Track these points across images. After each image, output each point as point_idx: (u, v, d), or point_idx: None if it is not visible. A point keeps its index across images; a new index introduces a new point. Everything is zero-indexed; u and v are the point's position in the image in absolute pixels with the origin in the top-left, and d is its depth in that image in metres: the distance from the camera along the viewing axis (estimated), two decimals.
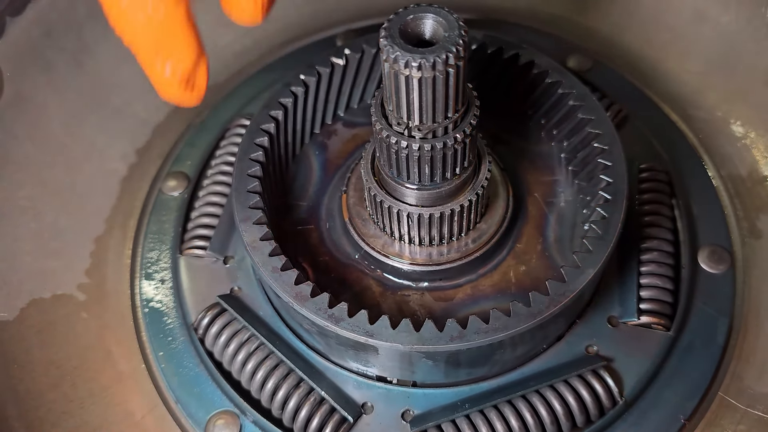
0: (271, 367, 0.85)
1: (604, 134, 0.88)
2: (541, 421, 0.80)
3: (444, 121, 0.72)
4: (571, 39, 1.14)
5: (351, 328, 0.75)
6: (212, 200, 0.99)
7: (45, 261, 0.95)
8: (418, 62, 0.65)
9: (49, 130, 1.01)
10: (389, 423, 0.82)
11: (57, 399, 0.85)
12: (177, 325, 0.92)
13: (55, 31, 1.00)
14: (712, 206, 0.97)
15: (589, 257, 0.78)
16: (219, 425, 0.84)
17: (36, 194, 0.97)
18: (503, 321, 0.74)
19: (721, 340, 0.87)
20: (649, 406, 0.82)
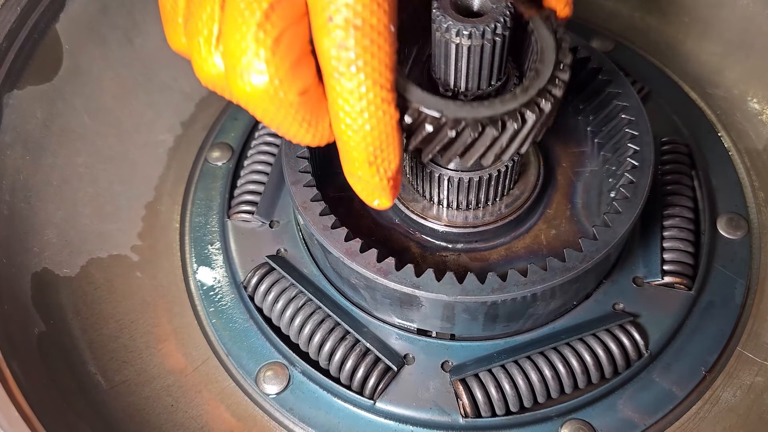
0: (317, 321, 0.91)
1: (631, 107, 0.93)
2: (572, 371, 0.86)
3: (488, 88, 0.78)
4: (594, 21, 1.20)
5: (398, 281, 0.81)
6: (257, 168, 1.05)
7: (101, 224, 1.00)
8: (469, 31, 0.71)
9: (103, 102, 1.07)
10: (430, 372, 0.88)
11: (118, 349, 0.91)
12: (226, 284, 0.98)
13: (110, 8, 1.06)
14: (730, 177, 1.03)
15: (618, 218, 0.84)
16: (269, 375, 0.90)
17: (92, 162, 1.03)
18: (540, 275, 0.80)
19: (739, 300, 0.93)
20: (673, 359, 0.88)
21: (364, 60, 0.59)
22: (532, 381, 0.85)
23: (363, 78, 0.60)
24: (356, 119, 0.62)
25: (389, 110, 0.63)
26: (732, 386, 0.87)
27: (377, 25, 0.58)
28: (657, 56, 1.16)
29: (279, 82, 0.59)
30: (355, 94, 0.61)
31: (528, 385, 0.85)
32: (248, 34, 0.57)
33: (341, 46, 0.58)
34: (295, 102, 0.61)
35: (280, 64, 0.59)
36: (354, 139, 0.64)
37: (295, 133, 0.65)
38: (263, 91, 0.60)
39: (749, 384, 0.87)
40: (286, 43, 0.59)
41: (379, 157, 0.66)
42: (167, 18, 0.67)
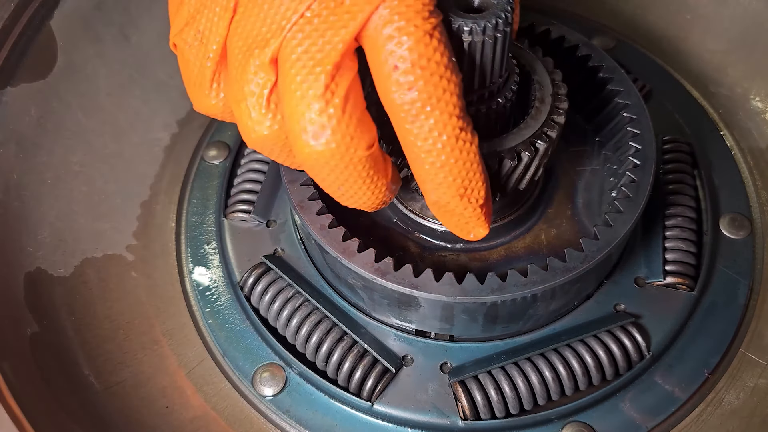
0: (315, 322, 0.89)
1: (633, 105, 0.92)
2: (572, 373, 0.85)
3: (489, 85, 0.77)
4: (596, 19, 1.19)
5: (397, 281, 0.79)
6: (254, 167, 1.04)
7: (96, 223, 0.99)
8: (470, 27, 0.69)
9: (98, 99, 1.05)
10: (429, 374, 0.86)
11: (113, 350, 0.90)
12: (222, 284, 0.97)
13: (105, 4, 1.05)
14: (733, 176, 1.02)
15: (620, 217, 0.83)
16: (265, 377, 0.89)
17: (87, 160, 1.02)
18: (541, 275, 0.79)
19: (742, 301, 0.91)
20: (675, 360, 0.87)
21: (437, 98, 0.60)
22: (532, 383, 0.84)
23: (439, 115, 0.60)
24: (439, 156, 0.63)
25: (468, 137, 0.64)
26: (735, 388, 0.86)
27: (442, 60, 0.59)
28: (659, 54, 1.15)
29: (350, 138, 0.60)
30: (434, 132, 0.61)
31: (528, 387, 0.84)
32: (315, 96, 0.58)
33: (413, 91, 0.59)
34: (363, 158, 0.62)
35: (349, 122, 0.60)
36: (440, 176, 0.65)
37: (357, 190, 0.67)
38: (334, 151, 0.60)
39: (752, 386, 0.85)
40: (353, 101, 0.59)
41: (468, 187, 0.67)
42: (195, 82, 0.67)
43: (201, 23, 0.64)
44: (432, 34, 0.58)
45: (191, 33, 0.64)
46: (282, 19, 0.58)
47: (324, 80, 0.57)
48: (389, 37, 0.57)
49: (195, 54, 0.65)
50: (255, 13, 0.60)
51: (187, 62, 0.67)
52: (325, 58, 0.57)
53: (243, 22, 0.61)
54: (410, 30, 0.57)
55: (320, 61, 0.57)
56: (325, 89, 0.58)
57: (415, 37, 0.57)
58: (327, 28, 0.57)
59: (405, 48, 0.57)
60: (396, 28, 0.57)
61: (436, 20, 0.59)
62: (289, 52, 0.58)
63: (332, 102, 0.58)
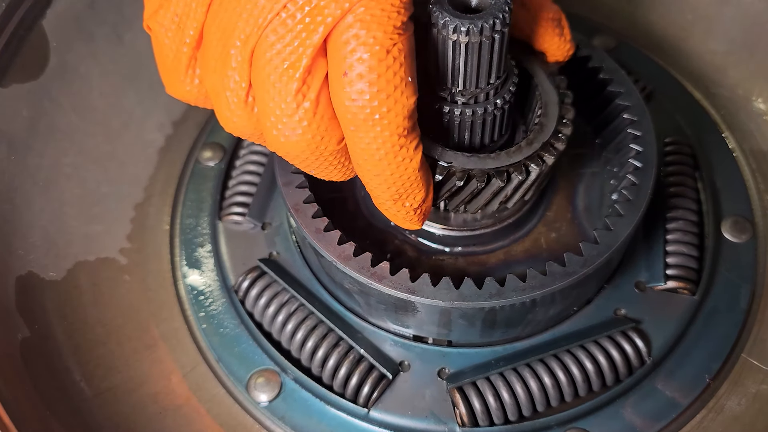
0: (310, 327, 0.88)
1: (633, 106, 0.91)
2: (572, 379, 0.83)
3: (486, 87, 0.75)
4: (597, 19, 1.17)
5: (393, 286, 0.78)
6: (249, 169, 1.02)
7: (89, 226, 0.98)
8: (467, 27, 0.68)
9: (91, 100, 1.04)
10: (426, 380, 0.85)
11: (105, 355, 0.88)
12: (216, 288, 0.95)
13: (98, 3, 1.03)
14: (735, 179, 1.00)
15: (620, 221, 0.81)
16: (260, 383, 0.87)
17: (79, 162, 1.00)
18: (540, 279, 0.77)
19: (744, 305, 0.90)
20: (676, 366, 0.86)
21: (380, 114, 0.60)
22: (531, 389, 0.82)
23: (379, 131, 0.62)
24: (376, 166, 0.65)
25: (408, 154, 0.65)
26: (737, 394, 0.84)
27: (393, 78, 0.59)
28: (660, 55, 1.14)
29: (321, 137, 0.62)
30: (373, 145, 0.63)
31: (527, 393, 0.82)
32: (287, 95, 0.59)
33: (356, 100, 0.60)
34: (334, 151, 0.65)
35: (320, 121, 0.61)
36: (376, 182, 0.67)
37: (328, 173, 0.70)
38: (305, 145, 0.63)
39: (754, 392, 0.84)
40: (324, 101, 0.61)
41: (403, 195, 0.69)
42: (169, 66, 0.68)
43: (177, 6, 0.63)
44: (389, 50, 0.59)
45: (167, 16, 0.64)
46: (259, 15, 0.58)
47: (296, 84, 0.59)
48: (346, 43, 0.58)
49: (171, 38, 0.65)
50: (233, 6, 0.60)
51: (162, 46, 0.66)
52: (297, 61, 0.58)
53: (221, 12, 0.61)
54: (369, 42, 0.58)
55: (293, 64, 0.58)
56: (296, 92, 0.59)
57: (371, 51, 0.58)
58: (301, 30, 0.58)
59: (357, 58, 0.58)
60: (355, 36, 0.58)
61: (398, 37, 0.59)
62: (264, 51, 0.59)
63: (302, 105, 0.60)
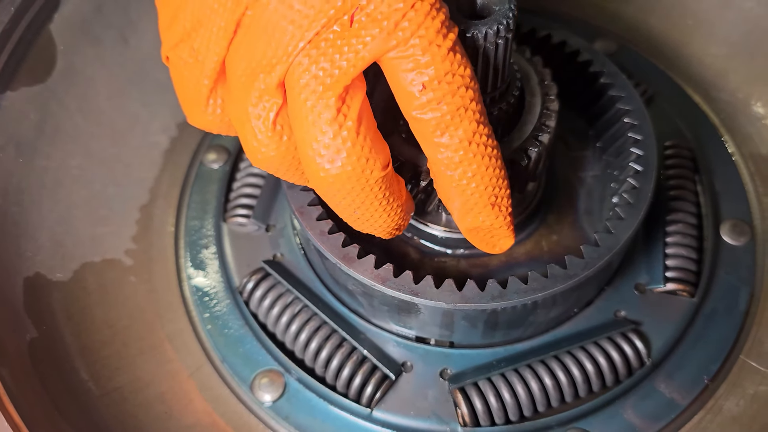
0: (314, 328, 0.89)
1: (634, 110, 0.92)
2: (572, 380, 0.84)
3: (490, 92, 0.76)
4: (597, 23, 1.18)
5: (396, 287, 0.79)
6: (254, 171, 1.03)
7: (95, 227, 0.99)
8: (472, 33, 0.69)
9: (97, 103, 1.05)
10: (429, 380, 0.86)
11: (111, 355, 0.89)
12: (221, 289, 0.96)
13: (105, 7, 1.04)
14: (734, 182, 1.01)
15: (621, 224, 0.82)
16: (264, 383, 0.88)
17: (86, 164, 1.01)
18: (541, 282, 0.78)
19: (742, 307, 0.91)
20: (675, 367, 0.87)
21: (465, 107, 0.59)
22: (532, 389, 0.83)
23: (468, 124, 0.60)
24: (471, 165, 0.63)
25: (493, 143, 0.64)
26: (735, 395, 0.85)
27: (465, 72, 0.59)
28: (660, 58, 1.15)
29: (366, 159, 0.59)
30: (463, 143, 0.61)
31: (528, 393, 0.83)
32: (328, 120, 0.57)
33: (441, 105, 0.58)
34: (379, 179, 0.62)
35: (364, 143, 0.59)
36: (472, 187, 0.65)
37: (373, 213, 0.66)
38: (350, 174, 0.59)
39: (752, 393, 0.85)
40: (365, 123, 0.59)
41: (498, 195, 0.67)
42: (190, 97, 0.66)
43: (197, 40, 0.62)
44: (454, 49, 0.58)
45: (186, 49, 0.63)
46: (288, 44, 0.57)
47: (335, 104, 0.56)
48: (414, 60, 0.57)
49: (191, 70, 0.64)
50: (258, 36, 0.58)
51: (182, 78, 0.66)
52: (336, 83, 0.56)
53: (246, 44, 0.60)
54: (434, 50, 0.57)
55: (330, 86, 0.56)
56: (337, 113, 0.57)
57: (440, 56, 0.57)
58: (335, 53, 0.56)
59: (432, 69, 0.57)
60: (421, 51, 0.56)
61: (454, 35, 0.59)
62: (298, 77, 0.57)
63: (345, 125, 0.57)
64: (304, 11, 0.56)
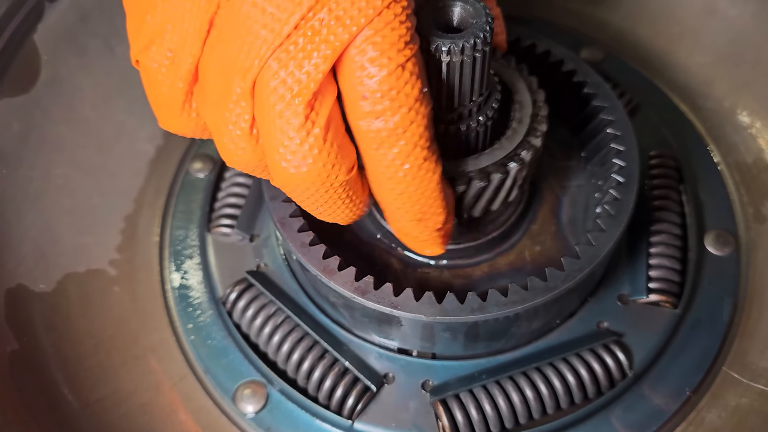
0: (296, 339, 0.89)
1: (617, 121, 0.91)
2: (554, 392, 0.84)
3: (468, 104, 0.76)
4: (584, 31, 1.18)
5: (377, 300, 0.79)
6: (238, 181, 1.03)
7: (79, 237, 0.99)
8: (448, 47, 0.69)
9: (82, 112, 1.05)
10: (410, 392, 0.86)
11: (93, 366, 0.89)
12: (205, 300, 0.96)
13: (90, 16, 1.04)
14: (719, 192, 1.01)
15: (602, 236, 0.82)
16: (246, 394, 0.88)
17: (70, 173, 1.01)
18: (521, 294, 0.78)
19: (726, 318, 0.91)
20: (657, 379, 0.87)
21: (402, 128, 0.60)
22: (513, 402, 0.83)
23: (404, 145, 0.61)
24: (400, 184, 0.65)
25: (431, 167, 0.65)
26: (717, 407, 0.85)
27: (412, 92, 0.59)
28: (647, 67, 1.14)
29: (332, 165, 0.60)
30: (397, 160, 0.62)
31: (509, 406, 0.83)
32: (296, 124, 0.57)
33: (380, 120, 0.59)
34: (343, 182, 0.63)
35: (330, 148, 0.59)
36: (400, 202, 0.67)
37: (335, 210, 0.68)
38: (315, 176, 0.60)
39: (734, 405, 0.85)
40: (333, 127, 0.59)
41: (426, 213, 0.69)
42: (164, 102, 0.66)
43: (171, 41, 0.61)
44: (404, 66, 0.58)
45: (160, 51, 0.62)
46: (261, 47, 0.56)
47: (303, 111, 0.57)
48: (361, 67, 0.57)
49: (165, 74, 0.63)
50: (232, 38, 0.58)
51: (155, 82, 0.64)
52: (304, 89, 0.56)
53: (219, 45, 0.59)
54: (383, 62, 0.57)
55: (299, 92, 0.56)
56: (305, 119, 0.57)
57: (387, 69, 0.57)
58: (304, 57, 0.56)
59: (376, 79, 0.57)
60: (369, 59, 0.57)
61: (410, 51, 0.58)
62: (267, 80, 0.57)
63: (312, 132, 0.58)
64: (276, 14, 0.56)
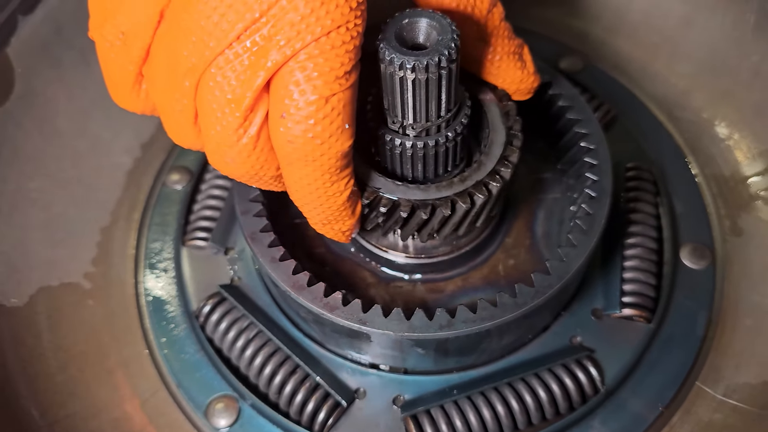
0: (269, 353, 0.89)
1: (591, 134, 0.91)
2: (526, 408, 0.84)
3: (437, 120, 0.76)
4: (564, 41, 1.18)
5: (345, 316, 0.79)
6: (214, 194, 1.03)
7: (53, 250, 0.98)
8: (412, 64, 0.68)
9: (58, 124, 1.04)
10: (381, 408, 0.86)
11: (65, 381, 0.89)
12: (179, 313, 0.96)
13: (65, 29, 1.04)
14: (695, 205, 1.01)
15: (573, 251, 0.82)
16: (219, 408, 0.88)
17: (45, 186, 1.01)
18: (490, 311, 0.78)
19: (700, 333, 0.90)
20: (630, 394, 0.86)
21: (313, 157, 0.63)
22: (484, 418, 0.83)
23: (311, 170, 0.65)
24: (306, 197, 0.69)
25: (338, 189, 0.69)
26: (689, 422, 0.85)
27: (329, 126, 0.62)
28: (626, 77, 1.14)
29: (260, 167, 0.66)
30: (304, 180, 0.66)
31: (480, 421, 0.83)
32: (230, 129, 0.61)
33: (293, 142, 0.62)
34: (272, 177, 0.68)
35: (260, 154, 0.64)
36: (307, 210, 0.72)
37: (267, 188, 0.72)
38: (243, 172, 0.66)
39: (707, 421, 0.85)
40: (264, 137, 0.63)
41: (332, 221, 0.74)
42: (116, 81, 0.70)
43: (123, 24, 0.64)
44: (328, 99, 0.60)
45: (113, 32, 0.65)
46: (205, 48, 0.59)
47: (238, 121, 0.61)
48: (287, 89, 0.59)
49: (117, 54, 0.66)
50: (179, 34, 0.60)
51: (108, 60, 0.67)
52: (241, 98, 0.60)
53: (169, 37, 0.62)
54: (308, 90, 0.59)
55: (236, 100, 0.60)
56: (237, 127, 0.61)
57: (309, 99, 0.59)
58: (246, 69, 0.59)
59: (296, 105, 0.59)
60: (295, 83, 0.59)
61: (339, 87, 0.60)
62: (209, 83, 0.60)
63: (242, 140, 0.62)
64: (220, 22, 0.58)
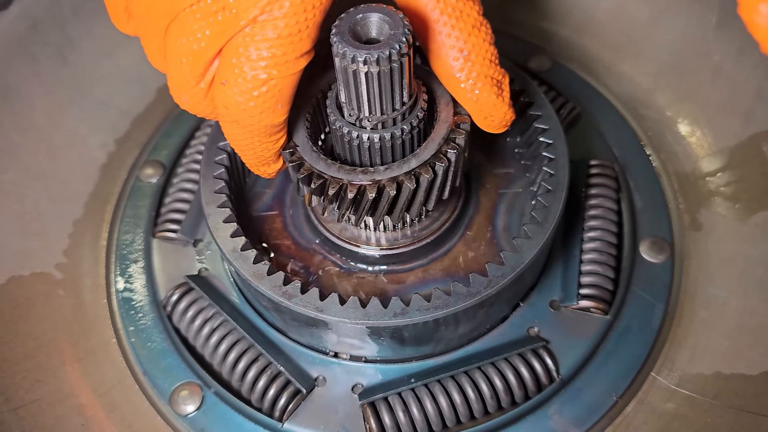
0: (232, 342, 0.91)
1: (550, 129, 0.93)
2: (482, 396, 0.85)
3: (392, 113, 0.78)
4: (532, 40, 1.20)
5: (303, 304, 0.80)
6: (185, 187, 1.05)
7: (26, 241, 1.00)
8: (364, 57, 0.70)
9: (33, 119, 1.07)
10: (340, 395, 0.87)
11: (32, 368, 0.91)
12: (147, 303, 0.98)
13: (41, 25, 1.06)
14: (656, 200, 1.03)
15: (527, 243, 0.84)
16: (183, 396, 0.90)
17: (19, 179, 1.03)
18: (444, 300, 0.80)
19: (656, 325, 0.92)
20: (585, 384, 0.88)
21: (243, 124, 0.71)
22: (440, 406, 0.85)
23: (242, 132, 0.73)
24: (237, 147, 0.78)
25: (267, 147, 0.77)
26: (643, 412, 0.86)
27: (262, 105, 0.69)
28: (593, 76, 1.16)
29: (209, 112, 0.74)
30: (237, 136, 0.74)
31: (436, 409, 0.84)
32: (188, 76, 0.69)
33: (228, 108, 0.69)
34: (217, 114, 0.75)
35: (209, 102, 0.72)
36: (239, 154, 0.79)
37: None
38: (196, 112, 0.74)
39: (660, 411, 0.86)
40: None
41: (258, 166, 0.82)
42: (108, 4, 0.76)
43: None
44: (266, 82, 0.67)
45: None
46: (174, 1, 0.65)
47: (196, 69, 0.68)
48: (233, 59, 0.66)
49: None
50: None
51: None
52: (203, 54, 0.67)
53: None
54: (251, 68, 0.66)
55: (198, 53, 0.67)
56: (200, 78, 0.69)
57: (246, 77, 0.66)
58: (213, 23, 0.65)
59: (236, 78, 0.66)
60: (245, 56, 0.66)
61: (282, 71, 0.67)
62: (175, 36, 0.67)
63: (197, 86, 0.70)
64: None
